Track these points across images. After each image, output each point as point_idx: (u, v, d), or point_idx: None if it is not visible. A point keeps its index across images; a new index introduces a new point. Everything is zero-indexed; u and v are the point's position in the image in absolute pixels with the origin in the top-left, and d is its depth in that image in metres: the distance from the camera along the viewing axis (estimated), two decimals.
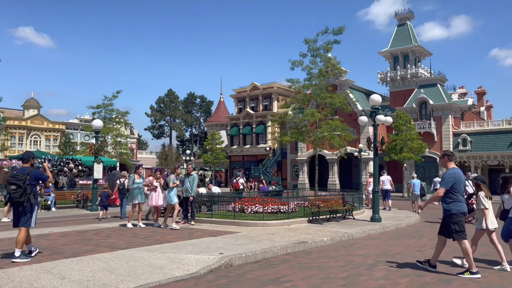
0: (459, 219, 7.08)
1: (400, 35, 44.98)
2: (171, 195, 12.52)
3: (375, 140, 14.89)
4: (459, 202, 7.10)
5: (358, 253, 9.15)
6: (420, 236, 12.03)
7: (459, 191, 7.11)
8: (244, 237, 10.42)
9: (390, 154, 33.38)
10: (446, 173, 7.22)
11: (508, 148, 35.01)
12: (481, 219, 7.72)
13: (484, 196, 7.70)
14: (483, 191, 7.75)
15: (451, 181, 7.07)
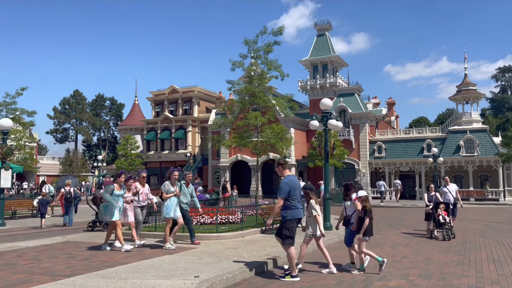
0: (291, 225, 7.29)
1: (319, 45, 46.40)
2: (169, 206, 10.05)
3: (326, 145, 14.50)
4: (295, 209, 7.28)
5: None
6: (381, 245, 11.74)
7: (295, 198, 7.29)
8: (206, 254, 9.15)
9: (315, 160, 33.89)
10: (282, 182, 7.33)
11: (418, 155, 37.64)
12: (314, 226, 7.79)
13: (315, 203, 7.77)
14: (313, 199, 7.80)
15: (286, 189, 7.22)
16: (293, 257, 7.29)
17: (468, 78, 38.33)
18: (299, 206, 7.35)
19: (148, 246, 10.35)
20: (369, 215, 7.73)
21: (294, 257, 7.31)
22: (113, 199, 9.88)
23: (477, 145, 34.81)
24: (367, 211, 7.73)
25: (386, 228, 16.16)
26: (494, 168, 34.55)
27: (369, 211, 7.74)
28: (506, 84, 77.30)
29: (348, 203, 8.24)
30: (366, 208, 7.74)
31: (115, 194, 9.96)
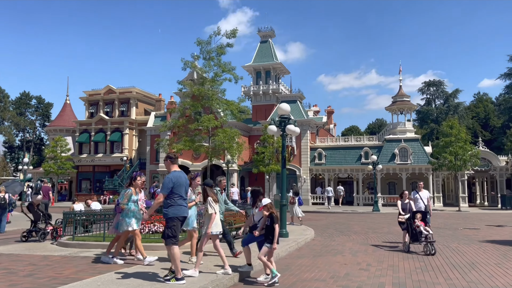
0: (173, 224, 6.89)
1: (262, 51, 46.62)
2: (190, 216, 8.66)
3: (283, 151, 14.24)
4: (178, 206, 6.91)
5: (311, 277, 8.11)
6: (340, 252, 11.65)
7: (179, 195, 6.94)
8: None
9: (258, 166, 33.75)
10: (166, 178, 7.02)
11: (356, 162, 38.93)
12: (208, 224, 7.63)
13: (212, 201, 7.63)
14: (211, 196, 7.69)
15: (169, 186, 6.86)
16: (177, 257, 6.82)
17: (402, 90, 40.45)
18: (182, 204, 6.97)
19: (97, 257, 9.34)
20: (276, 222, 7.55)
21: (178, 257, 6.85)
22: (132, 205, 8.74)
23: (410, 154, 36.72)
24: (274, 218, 7.52)
25: (337, 234, 16.23)
26: (425, 176, 36.60)
27: (275, 218, 7.54)
28: (430, 97, 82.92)
29: (256, 210, 8.00)
30: (273, 216, 7.53)
31: (133, 200, 8.76)
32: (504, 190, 35.79)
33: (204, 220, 7.83)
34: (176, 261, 6.80)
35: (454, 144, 30.26)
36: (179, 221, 6.97)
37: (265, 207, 7.65)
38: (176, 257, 6.80)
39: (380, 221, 22.10)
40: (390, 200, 37.24)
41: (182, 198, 6.98)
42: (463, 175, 34.67)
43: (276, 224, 7.52)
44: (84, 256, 9.80)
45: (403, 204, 12.45)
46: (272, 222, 7.51)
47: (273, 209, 7.63)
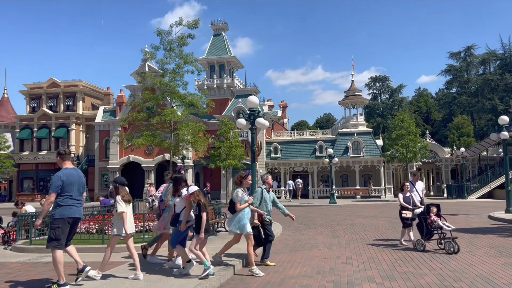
0: (58, 225, 6.36)
1: (216, 44, 45.94)
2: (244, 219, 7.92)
3: (253, 145, 13.89)
4: (67, 207, 6.41)
5: (297, 273, 7.88)
6: (315, 246, 11.55)
7: (68, 195, 6.45)
8: (150, 264, 7.84)
9: (216, 161, 33.20)
10: (55, 175, 6.54)
11: (311, 156, 39.45)
12: (119, 224, 7.10)
13: (121, 200, 7.14)
14: (121, 194, 7.20)
15: (58, 184, 6.37)
16: (59, 262, 6.25)
17: (354, 85, 41.44)
18: (73, 204, 6.45)
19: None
20: (204, 210, 7.13)
21: (61, 262, 6.28)
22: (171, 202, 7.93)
23: (363, 147, 37.74)
24: (202, 207, 7.12)
25: (304, 227, 16.18)
26: (376, 168, 37.80)
27: (203, 207, 7.14)
28: (376, 92, 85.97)
29: (177, 199, 7.45)
30: (200, 204, 7.14)
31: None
32: (449, 180, 37.78)
33: (113, 221, 7.24)
34: (58, 266, 6.23)
35: (406, 137, 31.41)
36: (67, 223, 6.37)
37: (192, 195, 7.14)
38: (58, 262, 6.22)
39: (340, 213, 22.43)
40: (344, 193, 38.13)
41: (72, 197, 6.42)
42: (412, 167, 36.15)
43: (204, 212, 7.10)
44: (46, 262, 8.96)
45: (405, 198, 11.06)
46: (199, 211, 7.09)
47: (200, 197, 7.15)
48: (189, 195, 7.17)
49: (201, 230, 7.07)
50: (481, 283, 6.86)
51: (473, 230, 13.97)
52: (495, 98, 52.07)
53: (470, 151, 36.28)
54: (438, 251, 9.93)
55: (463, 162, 33.89)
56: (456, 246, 9.46)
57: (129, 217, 7.22)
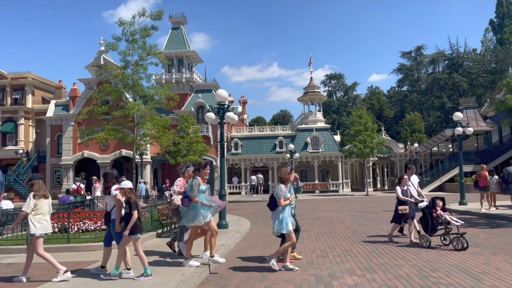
0: None
1: (174, 38, 45.02)
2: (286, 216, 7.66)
3: (222, 139, 13.71)
4: None
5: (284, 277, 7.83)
6: None
7: None
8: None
9: (176, 156, 32.56)
10: None
11: (271, 152, 39.66)
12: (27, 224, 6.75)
13: (32, 197, 6.73)
14: (34, 190, 6.82)
15: None
16: None
17: (313, 82, 42.04)
18: None
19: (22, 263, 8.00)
20: (135, 208, 6.70)
21: None
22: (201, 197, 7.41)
23: (321, 142, 38.42)
24: (132, 204, 6.71)
25: (271, 222, 16.10)
26: (334, 163, 38.62)
27: (134, 204, 6.72)
28: (332, 89, 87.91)
29: (107, 197, 7.14)
30: (131, 201, 6.73)
31: (201, 190, 7.44)
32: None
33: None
34: None
35: (363, 133, 32.27)
36: None
37: (121, 190, 6.77)
38: None
39: (303, 208, 22.67)
40: (304, 187, 38.63)
41: None
42: (368, 162, 37.23)
43: (135, 211, 6.65)
44: (8, 263, 8.36)
45: (403, 191, 10.42)
46: (130, 209, 6.68)
47: (131, 194, 6.76)
48: (118, 188, 6.80)
49: (127, 227, 6.61)
50: (457, 272, 7.09)
51: None
52: (443, 96, 54.66)
53: (422, 146, 37.89)
54: (407, 242, 10.20)
55: (417, 157, 35.33)
56: (465, 242, 8.83)
57: (41, 216, 6.72)
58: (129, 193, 6.75)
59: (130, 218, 6.66)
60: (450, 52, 58.82)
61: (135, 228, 6.70)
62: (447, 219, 9.14)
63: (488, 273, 7.04)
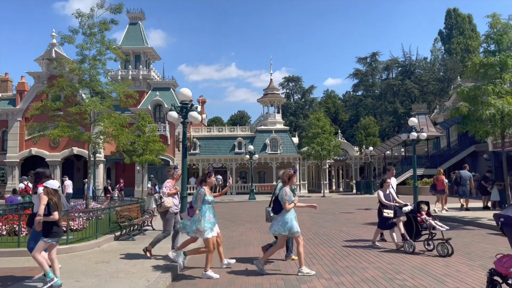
0: None
1: (131, 34, 43.76)
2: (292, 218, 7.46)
3: (185, 139, 13.34)
4: None
5: (242, 272, 7.66)
6: (250, 243, 11.49)
7: None
8: (78, 273, 7.03)
9: (131, 156, 31.57)
10: None
11: (230, 152, 39.44)
12: None
13: None
14: None
15: None
16: None
17: (273, 83, 42.26)
18: None
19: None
20: (55, 210, 6.28)
21: None
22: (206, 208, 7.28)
23: (280, 144, 38.68)
24: (51, 206, 6.27)
25: (231, 224, 16.00)
26: (292, 165, 38.96)
27: (53, 206, 6.29)
28: (289, 92, 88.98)
29: (35, 197, 6.79)
30: (50, 203, 6.30)
31: (207, 201, 7.29)
32: (358, 177, 40.29)
33: None
34: None
35: (321, 136, 32.79)
36: None
37: (45, 189, 6.36)
38: None
39: (262, 209, 22.64)
40: (262, 189, 38.75)
41: None
42: (325, 164, 37.90)
43: (55, 212, 6.27)
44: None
45: (386, 196, 10.08)
46: (49, 210, 6.27)
47: (53, 196, 6.36)
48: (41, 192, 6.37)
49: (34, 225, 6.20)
50: (420, 275, 7.23)
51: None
52: (396, 102, 56.72)
53: (377, 150, 39.07)
54: (367, 245, 10.35)
55: (371, 160, 36.35)
56: (451, 248, 8.63)
57: None
58: (51, 194, 6.35)
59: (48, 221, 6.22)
60: (403, 59, 61.19)
61: (52, 232, 6.22)
62: (432, 224, 8.94)
63: (450, 275, 7.24)
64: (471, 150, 35.04)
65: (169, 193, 8.41)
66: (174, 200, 8.69)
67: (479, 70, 13.91)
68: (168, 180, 8.67)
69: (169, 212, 8.53)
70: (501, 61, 13.55)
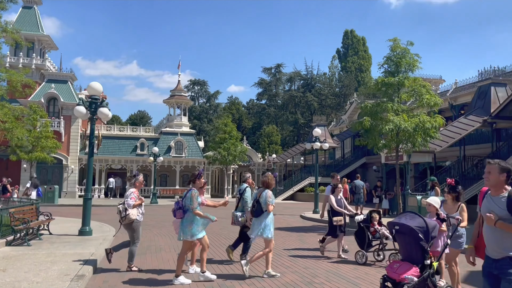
0: None
1: (25, 18, 39.68)
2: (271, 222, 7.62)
3: (92, 137, 12.41)
4: None
5: (162, 278, 7.29)
6: (161, 248, 11.00)
7: None
8: None
9: (18, 152, 28.49)
10: None
11: (131, 153, 37.71)
12: None
13: None
14: None
15: None
16: None
17: (180, 85, 41.52)
18: None
19: None
20: None
21: None
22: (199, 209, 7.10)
23: (185, 147, 38.05)
24: None
25: None
26: (197, 169, 38.59)
27: None
28: (195, 95, 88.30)
29: None
30: None
31: (199, 203, 7.13)
32: (260, 182, 41.27)
33: None
34: None
35: (228, 141, 33.02)
36: None
37: None
38: None
39: (167, 214, 21.99)
40: (164, 192, 37.72)
41: None
42: (229, 169, 38.20)
43: None
44: None
45: (337, 201, 9.60)
46: None
47: None
48: None
49: None
50: (335, 278, 7.58)
51: (297, 229, 15.52)
52: (297, 113, 59.54)
53: (279, 157, 40.50)
54: (288, 250, 10.60)
55: (274, 167, 37.54)
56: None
57: None
58: None
59: None
60: (305, 73, 64.52)
61: None
62: (385, 233, 8.77)
63: (360, 277, 7.70)
64: (362, 161, 38.13)
65: (134, 204, 7.89)
66: (139, 210, 8.13)
67: (381, 88, 15.20)
68: (131, 190, 8.06)
69: (134, 222, 7.98)
70: (399, 82, 14.96)
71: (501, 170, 3.86)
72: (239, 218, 8.45)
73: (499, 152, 21.81)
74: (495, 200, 3.91)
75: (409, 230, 5.85)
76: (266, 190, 7.65)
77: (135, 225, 7.95)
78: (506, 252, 3.76)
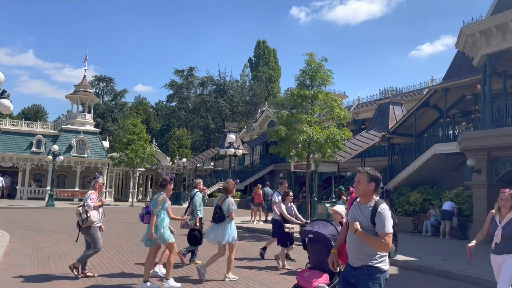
0: None
1: None
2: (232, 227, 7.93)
3: None
4: None
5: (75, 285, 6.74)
6: (67, 255, 10.17)
7: None
8: None
9: None
10: None
11: (25, 151, 34.40)
12: None
13: None
14: None
15: None
16: None
17: (86, 80, 39.03)
18: None
19: None
20: None
21: None
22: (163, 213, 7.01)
23: (88, 147, 35.74)
24: None
25: (34, 234, 13.91)
26: (100, 170, 36.48)
27: None
28: (99, 92, 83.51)
29: None
30: None
31: (166, 208, 7.02)
32: None
33: None
34: None
35: (136, 142, 31.75)
36: None
37: None
38: None
39: (67, 217, 20.50)
40: (62, 194, 35.03)
41: None
42: (136, 172, 36.73)
43: None
44: None
45: (288, 209, 9.36)
46: None
47: None
48: None
49: None
50: (255, 284, 7.68)
51: None
52: (208, 118, 59.41)
53: (189, 162, 39.94)
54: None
55: (183, 171, 36.95)
56: None
57: None
58: None
59: None
60: (218, 78, 64.67)
61: None
62: None
63: (277, 282, 7.91)
64: (270, 168, 39.28)
65: (94, 205, 7.62)
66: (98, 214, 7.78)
67: (296, 100, 15.83)
68: (91, 192, 7.80)
69: (92, 226, 7.61)
70: (313, 95, 15.74)
71: (370, 179, 3.86)
72: (188, 221, 8.57)
73: (394, 165, 23.98)
74: (362, 208, 3.87)
75: (323, 239, 6.17)
76: (228, 197, 7.83)
77: (93, 229, 7.63)
78: (364, 261, 3.75)
